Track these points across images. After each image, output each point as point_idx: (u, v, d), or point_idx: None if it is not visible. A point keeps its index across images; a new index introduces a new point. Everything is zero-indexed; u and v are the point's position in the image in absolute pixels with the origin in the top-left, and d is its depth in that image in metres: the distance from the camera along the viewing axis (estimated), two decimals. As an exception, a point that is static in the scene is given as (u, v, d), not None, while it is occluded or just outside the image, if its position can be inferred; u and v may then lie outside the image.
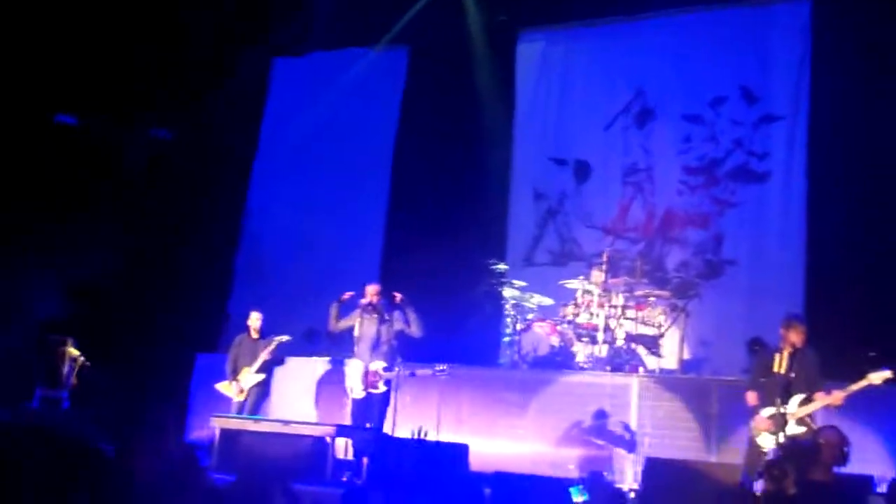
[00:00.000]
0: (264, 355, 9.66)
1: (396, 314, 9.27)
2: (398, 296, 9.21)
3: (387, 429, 8.93)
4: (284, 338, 9.82)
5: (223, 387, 9.83)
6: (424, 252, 11.84)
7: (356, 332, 9.22)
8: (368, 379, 9.12)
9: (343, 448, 8.73)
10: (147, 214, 12.37)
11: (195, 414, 10.74)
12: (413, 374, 9.03)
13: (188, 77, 12.53)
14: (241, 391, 9.60)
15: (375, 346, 9.18)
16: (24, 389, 10.28)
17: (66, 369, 10.36)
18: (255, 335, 9.86)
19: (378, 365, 9.14)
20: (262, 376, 9.69)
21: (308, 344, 11.04)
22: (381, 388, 9.09)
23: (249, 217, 13.41)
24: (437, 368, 9.01)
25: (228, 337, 11.20)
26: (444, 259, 11.92)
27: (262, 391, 9.80)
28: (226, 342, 11.25)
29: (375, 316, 9.24)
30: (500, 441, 9.60)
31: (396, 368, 9.01)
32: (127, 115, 12.33)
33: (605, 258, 10.52)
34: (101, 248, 11.31)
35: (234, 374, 9.71)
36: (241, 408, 9.65)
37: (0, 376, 9.88)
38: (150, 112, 12.46)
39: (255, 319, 9.90)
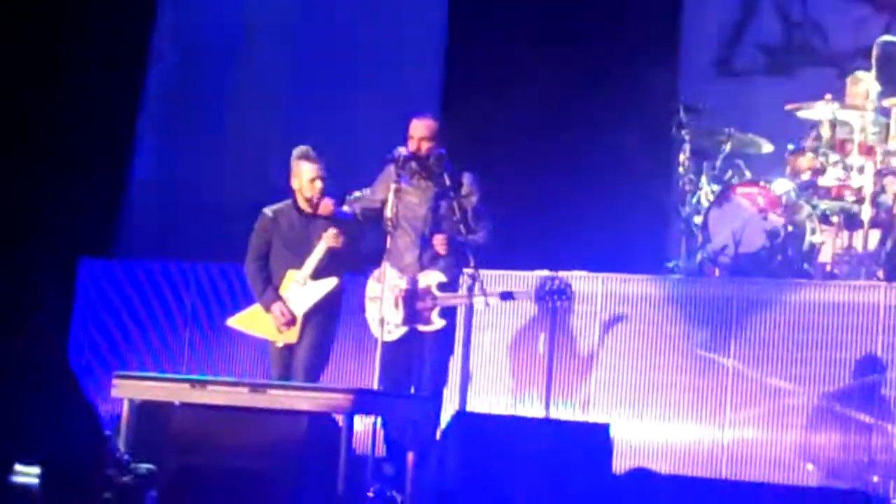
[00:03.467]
0: (330, 239, 9.52)
1: (468, 180, 9.41)
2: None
3: (448, 396, 9.14)
4: (357, 193, 9.66)
5: (246, 319, 9.85)
6: (521, 59, 12.13)
7: (388, 213, 9.27)
8: (413, 304, 9.25)
9: (367, 434, 8.90)
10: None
11: (83, 373, 10.84)
12: (509, 296, 9.32)
13: None
14: (290, 322, 9.63)
15: (427, 242, 9.29)
16: None
17: None
18: (306, 206, 9.65)
19: (432, 278, 9.27)
20: (331, 284, 9.61)
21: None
22: (437, 321, 9.22)
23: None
24: (546, 283, 9.23)
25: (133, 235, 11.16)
26: (557, 72, 12.16)
27: (329, 316, 9.67)
28: (131, 240, 11.27)
29: (428, 183, 9.36)
30: (672, 420, 9.84)
31: (466, 284, 9.17)
32: None
33: (874, 57, 10.70)
34: None
35: (275, 290, 9.69)
36: (287, 359, 9.63)
37: None
38: None
39: (309, 173, 9.57)
